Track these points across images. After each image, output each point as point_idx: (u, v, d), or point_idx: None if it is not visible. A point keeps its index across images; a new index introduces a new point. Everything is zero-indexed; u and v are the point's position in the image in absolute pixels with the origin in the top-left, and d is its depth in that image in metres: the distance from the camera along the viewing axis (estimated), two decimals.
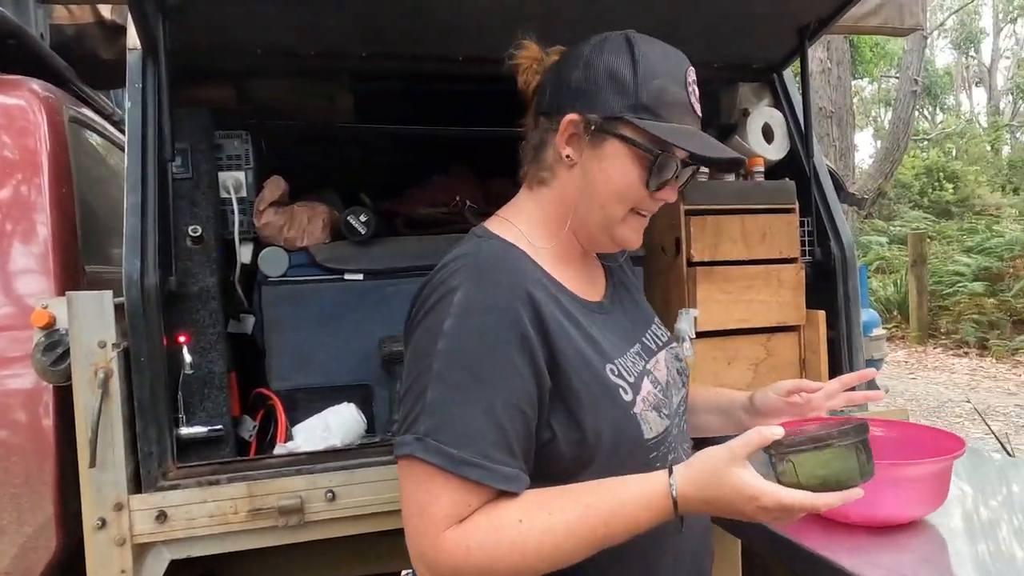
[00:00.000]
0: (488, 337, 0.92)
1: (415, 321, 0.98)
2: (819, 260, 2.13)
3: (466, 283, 0.95)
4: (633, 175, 1.03)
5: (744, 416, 1.31)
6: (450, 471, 0.87)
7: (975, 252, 10.74)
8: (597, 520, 0.88)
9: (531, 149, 1.11)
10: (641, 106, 1.00)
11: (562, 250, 1.09)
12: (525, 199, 1.12)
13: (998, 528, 1.14)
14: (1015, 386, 7.38)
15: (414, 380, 0.93)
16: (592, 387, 0.98)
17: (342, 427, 1.76)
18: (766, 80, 2.31)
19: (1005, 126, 22.72)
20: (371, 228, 1.85)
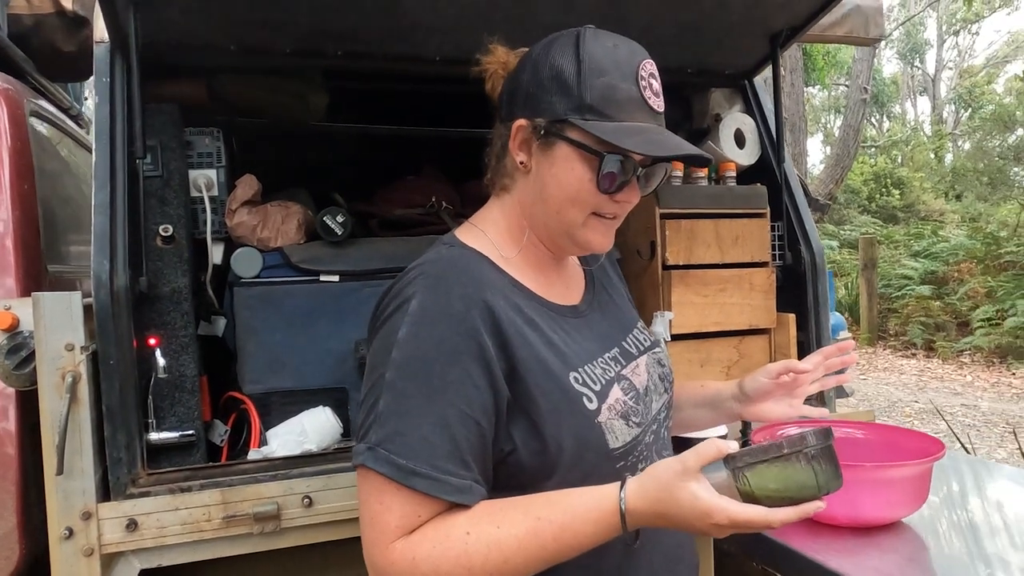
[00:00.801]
0: (442, 347, 0.90)
1: (373, 330, 0.98)
2: (790, 264, 2.17)
3: (421, 292, 0.93)
4: (584, 178, 0.98)
5: (735, 405, 1.27)
6: (399, 482, 0.86)
7: (922, 256, 11.09)
8: (547, 535, 0.87)
9: (494, 156, 1.10)
10: (586, 106, 0.96)
11: (531, 255, 1.08)
12: (492, 206, 1.11)
13: (975, 527, 1.18)
14: (960, 386, 7.63)
15: (369, 390, 0.92)
16: (552, 396, 0.96)
17: (318, 431, 1.74)
18: (738, 86, 2.34)
19: (948, 135, 23.49)
20: (347, 229, 1.82)
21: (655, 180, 1.06)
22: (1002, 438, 5.73)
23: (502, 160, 1.07)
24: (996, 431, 5.91)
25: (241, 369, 1.79)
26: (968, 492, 1.36)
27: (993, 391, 7.34)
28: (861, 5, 2.52)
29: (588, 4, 1.83)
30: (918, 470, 1.11)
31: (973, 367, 8.37)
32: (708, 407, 1.32)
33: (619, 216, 1.05)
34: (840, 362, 1.22)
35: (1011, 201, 14.65)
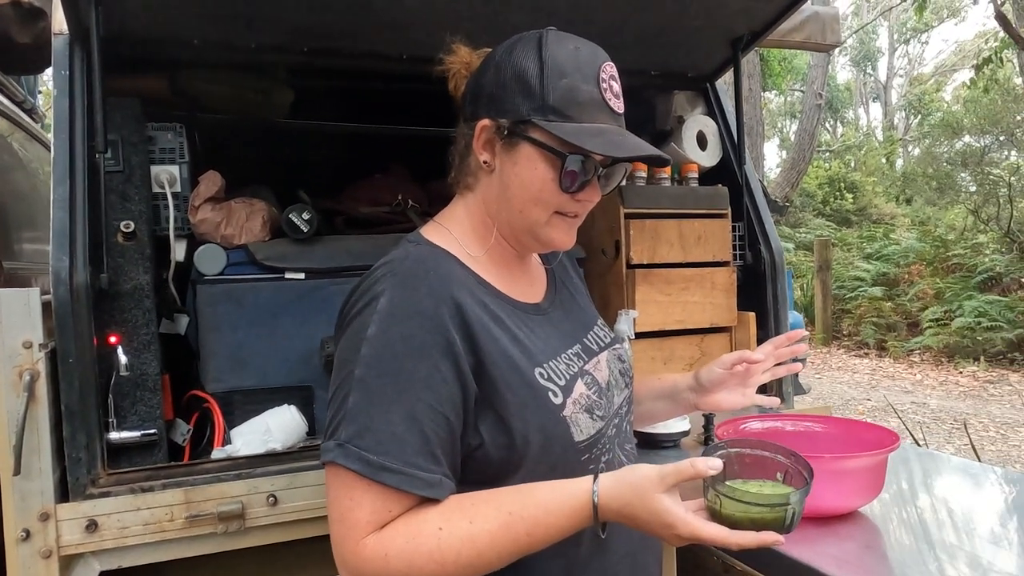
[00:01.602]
0: (411, 343, 0.91)
1: (340, 327, 0.98)
2: (750, 264, 2.22)
3: (390, 289, 0.94)
4: (547, 177, 1.01)
5: (692, 395, 1.31)
6: (369, 477, 0.87)
7: (874, 259, 11.39)
8: (520, 529, 0.88)
9: (458, 155, 1.11)
10: (548, 107, 0.98)
11: (495, 253, 1.09)
12: (456, 205, 1.12)
13: (927, 515, 1.22)
14: (911, 384, 7.86)
15: (338, 387, 0.92)
16: (519, 391, 0.97)
17: (283, 430, 1.72)
18: (700, 89, 2.39)
19: (899, 140, 24.14)
20: (314, 226, 1.81)
21: (615, 180, 1.09)
22: (950, 434, 5.91)
23: (466, 159, 1.08)
24: (944, 428, 6.11)
25: (204, 367, 1.77)
26: (920, 483, 1.41)
27: (941, 389, 7.57)
28: (819, 12, 2.59)
29: (555, 5, 1.85)
30: (874, 461, 1.15)
31: (923, 366, 8.62)
32: (666, 399, 1.35)
33: (580, 215, 1.07)
34: (790, 351, 1.27)
35: (958, 205, 15.11)
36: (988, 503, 1.30)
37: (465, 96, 1.08)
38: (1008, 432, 5.90)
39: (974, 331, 8.52)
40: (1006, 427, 6.04)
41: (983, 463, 1.43)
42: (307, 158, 2.36)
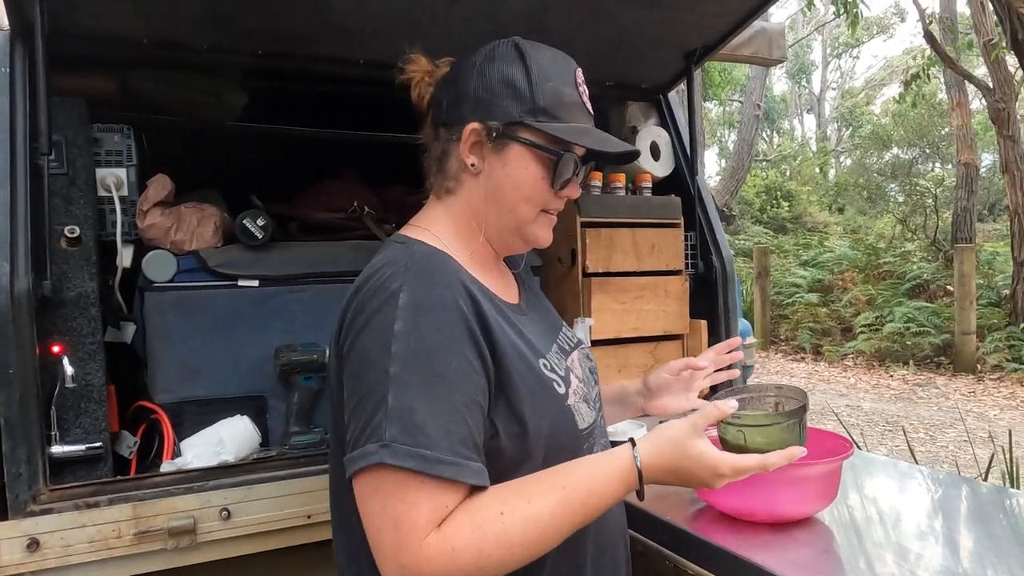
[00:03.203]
0: (440, 335, 0.92)
1: (353, 330, 0.95)
2: (702, 272, 2.26)
3: (408, 285, 0.94)
4: (538, 176, 1.06)
5: (639, 399, 1.39)
6: (425, 473, 0.85)
7: (810, 266, 11.76)
8: (576, 501, 0.91)
9: (435, 160, 1.12)
10: (539, 109, 1.04)
11: (478, 255, 1.11)
12: (435, 209, 1.13)
13: (880, 518, 1.26)
14: (845, 388, 8.13)
15: (369, 389, 0.90)
16: (530, 381, 1.00)
17: (236, 441, 1.68)
18: (653, 100, 2.43)
19: (831, 151, 24.98)
20: (268, 233, 1.78)
21: (582, 178, 1.15)
22: (882, 436, 6.14)
23: (445, 163, 1.10)
24: (877, 430, 6.33)
25: (152, 377, 1.71)
26: (872, 487, 1.46)
27: (874, 392, 7.86)
28: (766, 28, 2.67)
29: (512, 16, 1.86)
30: (830, 468, 1.19)
31: (856, 370, 8.93)
32: (616, 403, 1.41)
33: (558, 212, 1.13)
34: (728, 358, 1.38)
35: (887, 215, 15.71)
36: (933, 504, 1.36)
37: (440, 103, 1.09)
38: (936, 433, 6.16)
39: (903, 336, 8.86)
40: (934, 428, 6.30)
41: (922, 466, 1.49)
42: (260, 162, 2.31)
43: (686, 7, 1.97)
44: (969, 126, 10.98)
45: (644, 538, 1.33)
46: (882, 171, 16.12)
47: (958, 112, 10.77)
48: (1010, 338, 8.18)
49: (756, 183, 19.18)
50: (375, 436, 0.86)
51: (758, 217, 18.11)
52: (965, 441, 5.87)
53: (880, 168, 16.61)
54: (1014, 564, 1.08)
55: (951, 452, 5.64)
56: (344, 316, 0.99)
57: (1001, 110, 8.11)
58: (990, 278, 9.60)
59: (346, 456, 0.90)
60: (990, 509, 1.31)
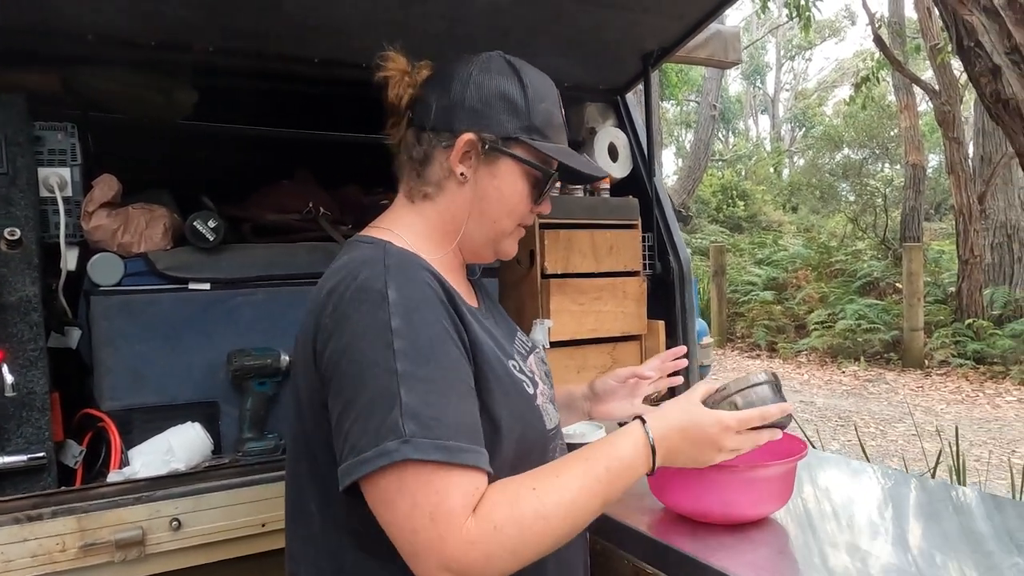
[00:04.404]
0: (437, 328, 0.93)
1: (339, 333, 0.92)
2: (659, 273, 2.28)
3: (394, 282, 0.93)
4: (524, 192, 1.09)
5: (586, 404, 1.43)
6: (452, 463, 0.85)
7: (764, 264, 11.97)
8: (600, 469, 0.94)
9: (414, 163, 1.11)
10: (533, 128, 1.07)
11: (445, 262, 1.11)
12: (406, 211, 1.12)
13: (833, 517, 1.28)
14: (799, 384, 8.29)
15: (376, 390, 0.88)
16: (503, 379, 1.01)
17: (186, 448, 1.64)
18: (611, 102, 2.43)
19: (785, 151, 25.48)
20: (220, 234, 1.73)
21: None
22: (835, 431, 6.28)
23: (426, 168, 1.09)
24: (830, 425, 6.47)
25: (99, 384, 1.66)
26: (825, 485, 1.48)
27: (827, 388, 8.03)
28: (721, 31, 2.70)
29: (470, 15, 1.84)
30: (785, 468, 1.20)
31: (809, 366, 9.12)
32: (564, 408, 1.42)
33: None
34: (673, 366, 1.43)
35: (839, 214, 16.08)
36: (884, 501, 1.38)
37: (426, 105, 1.09)
38: (886, 428, 6.32)
39: (855, 333, 9.07)
40: (884, 423, 6.46)
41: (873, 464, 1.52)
42: (213, 162, 2.25)
43: (643, 9, 1.98)
44: (917, 128, 11.29)
45: (603, 540, 1.34)
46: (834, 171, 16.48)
47: (906, 114, 11.06)
48: (956, 334, 8.43)
49: (712, 182, 19.46)
50: (392, 434, 0.84)
51: (714, 216, 18.38)
52: (913, 435, 6.04)
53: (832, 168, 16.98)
54: (963, 558, 1.11)
55: (900, 446, 5.79)
56: (320, 320, 0.96)
57: (947, 112, 8.36)
58: (937, 276, 9.89)
59: (346, 463, 0.87)
60: (939, 505, 1.34)
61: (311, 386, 0.97)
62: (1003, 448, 5.65)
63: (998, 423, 6.39)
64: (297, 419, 1.05)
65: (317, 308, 0.97)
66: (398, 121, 1.13)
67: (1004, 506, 1.33)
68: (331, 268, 1.02)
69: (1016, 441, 5.85)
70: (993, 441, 5.85)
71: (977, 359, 8.07)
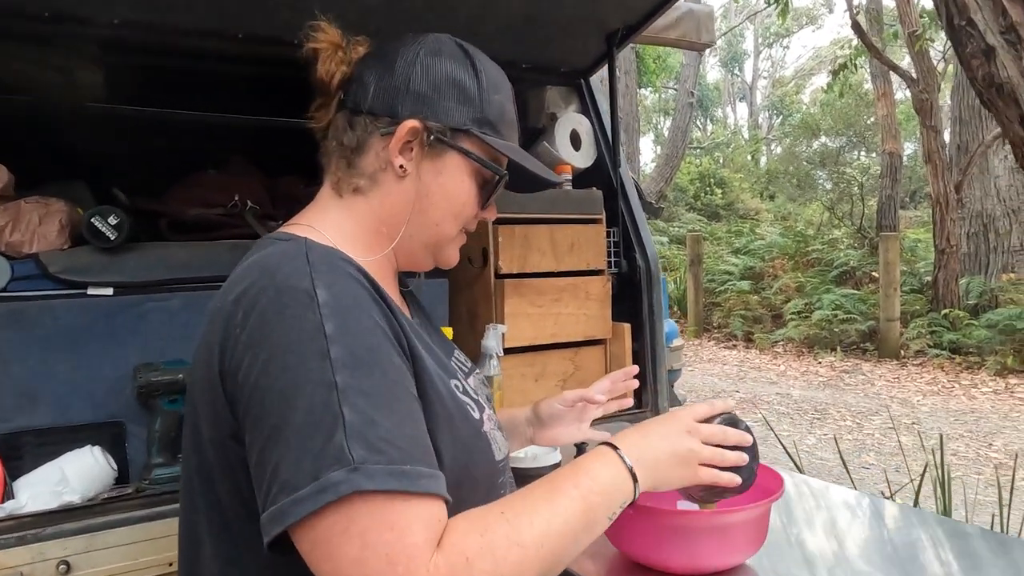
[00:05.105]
0: (376, 333, 0.79)
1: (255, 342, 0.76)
2: (624, 272, 2.10)
3: (322, 280, 0.78)
4: (471, 192, 0.96)
5: (529, 429, 1.30)
6: (410, 491, 0.71)
7: (741, 253, 11.87)
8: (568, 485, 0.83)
9: (344, 150, 0.95)
10: (485, 120, 0.95)
11: (377, 267, 0.95)
12: (332, 206, 0.96)
13: (813, 559, 1.12)
14: (775, 376, 8.20)
15: (312, 411, 0.71)
16: (447, 401, 0.88)
17: (83, 477, 1.44)
18: (574, 85, 2.25)
19: (763, 139, 25.46)
20: (123, 232, 1.53)
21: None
22: (811, 424, 6.18)
23: (358, 158, 0.94)
24: (806, 418, 6.38)
25: None
26: (803, 519, 1.31)
27: (803, 379, 7.95)
28: (694, 9, 2.52)
29: None
30: (756, 513, 1.03)
31: (786, 357, 9.04)
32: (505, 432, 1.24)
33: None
34: (624, 387, 1.31)
35: (815, 202, 16.05)
36: (871, 543, 1.22)
37: (362, 85, 0.94)
38: (862, 421, 6.23)
39: (831, 323, 9.00)
40: (860, 416, 6.38)
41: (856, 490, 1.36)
42: (130, 149, 2.04)
43: None
44: (893, 116, 11.22)
45: None
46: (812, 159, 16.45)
47: (883, 102, 10.99)
48: (932, 324, 8.38)
49: (690, 170, 19.38)
50: (337, 462, 0.69)
51: (692, 204, 18.31)
52: (890, 428, 5.96)
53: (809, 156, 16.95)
54: None
55: (876, 440, 5.70)
56: (227, 332, 0.79)
57: (924, 100, 8.26)
58: (912, 265, 9.84)
59: (275, 507, 0.69)
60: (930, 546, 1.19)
61: (215, 416, 0.80)
62: (980, 441, 5.58)
63: (974, 415, 6.33)
64: (195, 456, 0.87)
65: (222, 318, 0.80)
66: (327, 102, 0.97)
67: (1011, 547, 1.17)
68: (237, 270, 0.85)
69: (992, 434, 5.78)
70: (970, 434, 5.78)
71: (953, 349, 8.03)
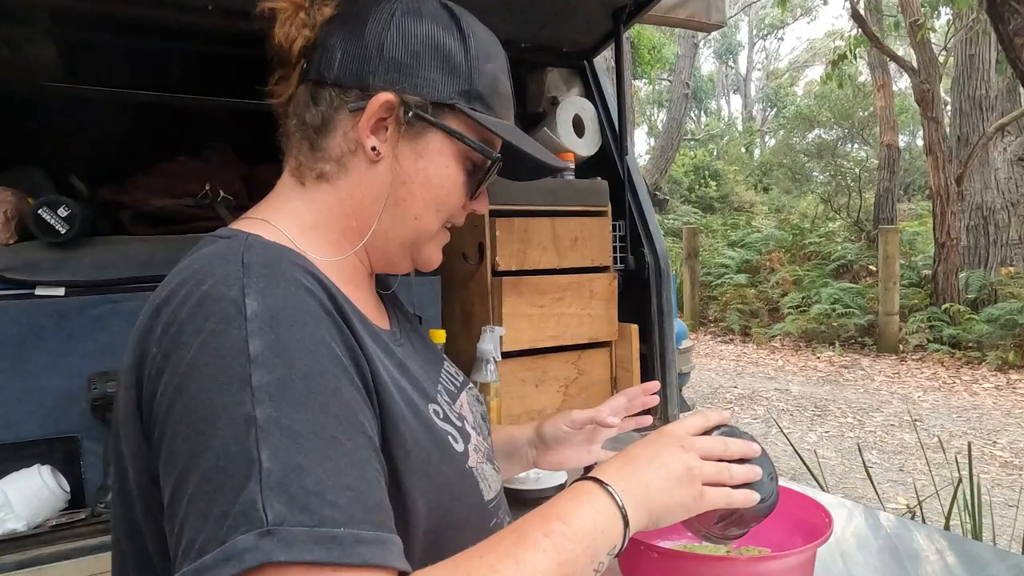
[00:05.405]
0: (318, 355, 0.63)
1: (172, 364, 0.61)
2: (632, 269, 1.95)
3: (254, 287, 0.63)
4: (457, 179, 0.81)
5: (531, 452, 1.11)
6: (341, 564, 0.54)
7: (738, 246, 11.74)
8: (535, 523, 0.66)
9: (307, 130, 0.79)
10: (475, 93, 0.79)
11: (346, 268, 0.80)
12: (292, 196, 0.80)
13: None
14: (773, 371, 8.07)
15: (221, 451, 0.56)
16: (421, 436, 0.72)
17: (29, 502, 1.28)
18: (577, 67, 2.09)
19: (757, 131, 25.33)
20: (75, 225, 1.36)
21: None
22: (811, 422, 6.05)
23: (324, 138, 0.79)
24: (807, 415, 6.25)
25: None
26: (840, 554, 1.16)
27: (802, 375, 7.83)
28: None
29: None
30: (802, 558, 0.88)
31: (783, 351, 8.91)
32: (504, 457, 1.10)
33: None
34: (642, 404, 1.11)
35: (810, 194, 15.94)
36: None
37: (327, 51, 0.78)
38: (864, 418, 6.11)
39: (830, 317, 8.89)
40: (861, 412, 6.26)
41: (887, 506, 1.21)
42: (94, 134, 1.87)
43: None
44: (891, 107, 11.09)
45: None
46: (809, 151, 16.34)
47: (882, 93, 10.85)
48: (931, 318, 8.27)
49: (684, 162, 19.26)
50: (246, 522, 0.53)
51: (686, 196, 18.19)
52: (892, 425, 5.84)
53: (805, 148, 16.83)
54: None
55: (879, 437, 5.58)
56: (145, 346, 0.64)
57: (926, 91, 8.12)
58: (910, 258, 9.72)
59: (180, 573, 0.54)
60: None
61: (136, 451, 0.65)
62: (983, 439, 5.47)
63: (976, 411, 6.21)
64: (120, 503, 0.71)
65: (140, 335, 0.66)
66: (287, 73, 0.81)
67: None
68: (169, 276, 0.69)
69: (996, 431, 5.67)
70: (973, 431, 5.67)
71: (953, 344, 7.92)
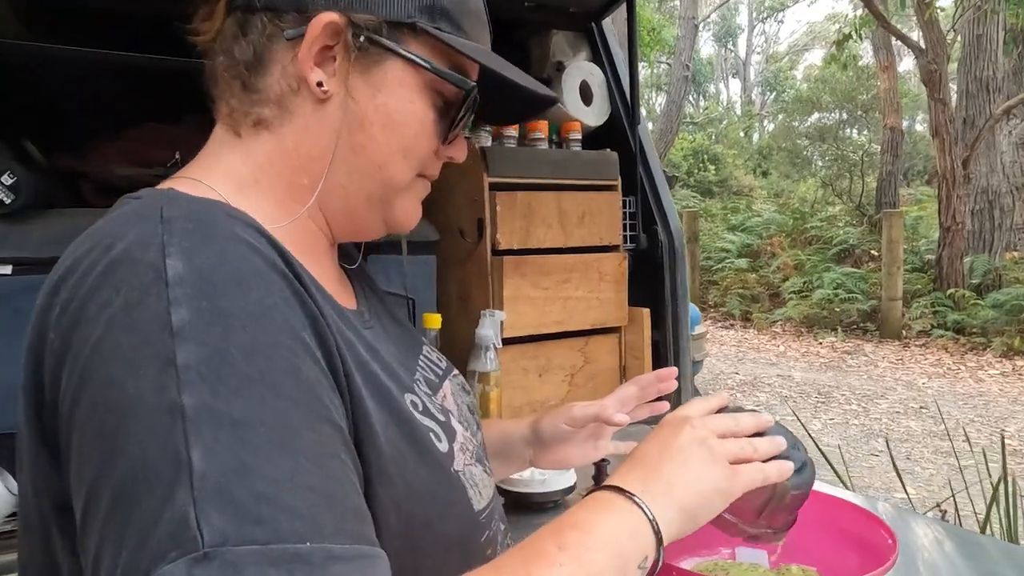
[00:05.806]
0: (265, 322, 0.49)
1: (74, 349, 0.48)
2: (644, 248, 1.80)
3: (176, 246, 0.49)
4: (425, 116, 0.65)
5: (527, 451, 0.98)
6: None
7: (738, 230, 11.61)
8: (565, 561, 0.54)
9: (238, 67, 0.63)
10: (440, 9, 0.64)
11: (301, 235, 0.65)
12: (226, 149, 0.64)
13: None
14: (775, 356, 7.96)
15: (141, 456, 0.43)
16: (391, 431, 0.58)
17: None
18: (585, 29, 1.93)
19: (756, 115, 25.14)
20: (21, 195, 1.21)
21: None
22: (815, 408, 5.94)
23: (259, 76, 0.63)
24: (810, 401, 6.14)
25: None
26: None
27: (804, 360, 7.72)
28: None
29: None
30: None
31: (785, 337, 8.81)
32: (497, 456, 0.95)
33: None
34: (656, 391, 0.95)
35: (810, 179, 15.80)
36: None
37: None
38: (868, 405, 6.00)
39: (832, 302, 8.78)
40: (866, 399, 6.15)
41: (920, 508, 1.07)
42: (57, 97, 1.71)
43: None
44: (895, 89, 10.93)
45: None
46: (810, 135, 16.19)
47: (886, 75, 10.68)
48: (935, 304, 8.16)
49: (683, 146, 19.10)
50: (175, 545, 0.40)
51: (686, 180, 18.07)
52: (898, 412, 5.73)
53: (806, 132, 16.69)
54: None
55: (884, 425, 5.48)
56: (43, 330, 0.52)
57: (933, 71, 7.95)
58: (913, 243, 9.60)
59: None
60: None
61: (35, 460, 0.54)
62: (991, 427, 5.36)
63: (983, 399, 6.11)
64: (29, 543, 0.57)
65: (38, 318, 0.54)
66: (213, 5, 0.64)
67: None
68: (72, 244, 0.55)
69: (1004, 419, 5.56)
70: (980, 419, 5.56)
71: (957, 330, 7.81)
